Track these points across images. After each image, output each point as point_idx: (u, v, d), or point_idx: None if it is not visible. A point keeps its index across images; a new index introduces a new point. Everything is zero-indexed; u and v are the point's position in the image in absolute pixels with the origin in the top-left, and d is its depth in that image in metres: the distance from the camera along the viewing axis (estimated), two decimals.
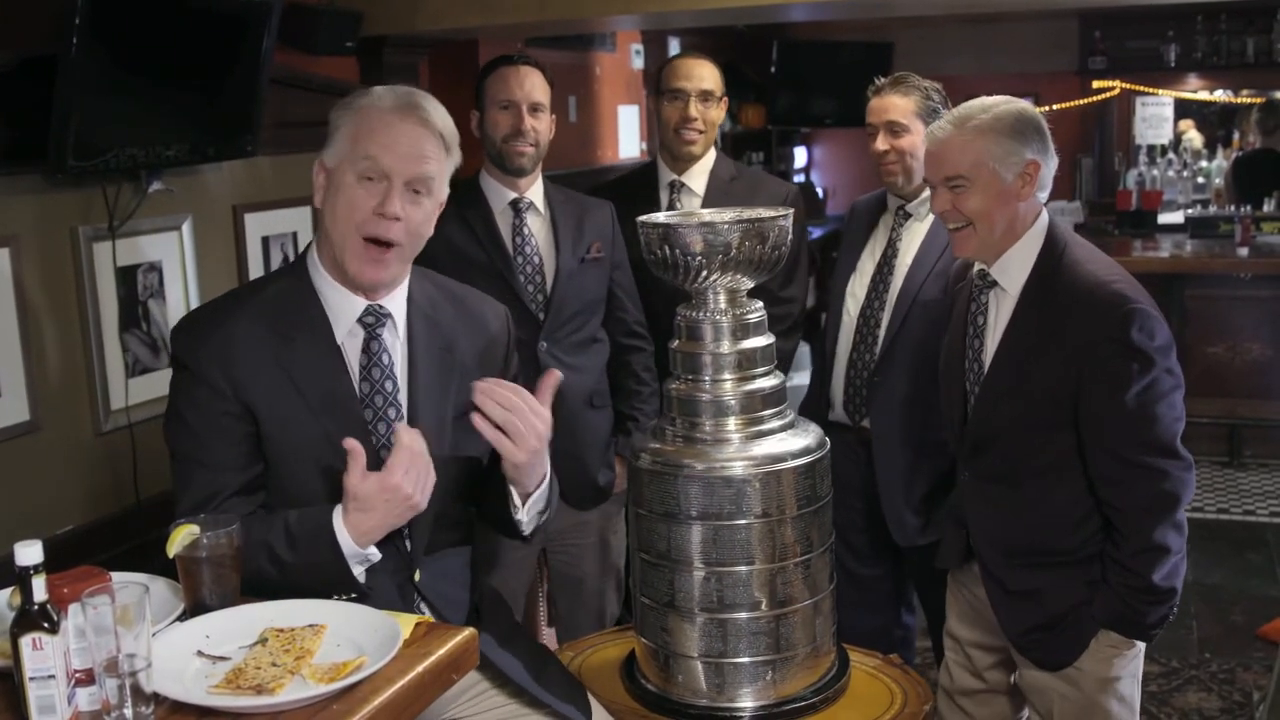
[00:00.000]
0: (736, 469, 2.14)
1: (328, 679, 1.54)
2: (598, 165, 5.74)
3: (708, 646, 2.18)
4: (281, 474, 2.00)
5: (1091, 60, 8.22)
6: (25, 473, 2.81)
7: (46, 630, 1.41)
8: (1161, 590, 2.31)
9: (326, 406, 2.00)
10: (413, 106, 2.03)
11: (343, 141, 2.01)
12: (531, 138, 2.98)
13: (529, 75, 3.01)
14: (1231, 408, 6.11)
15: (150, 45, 2.83)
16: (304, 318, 2.03)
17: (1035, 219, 2.40)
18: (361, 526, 1.90)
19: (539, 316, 2.98)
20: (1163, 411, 2.26)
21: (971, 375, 2.47)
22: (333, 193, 2.01)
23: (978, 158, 2.34)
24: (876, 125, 3.04)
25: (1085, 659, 2.39)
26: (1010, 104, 2.39)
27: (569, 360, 3.00)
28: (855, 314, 3.09)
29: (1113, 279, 2.31)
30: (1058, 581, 2.39)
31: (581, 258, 3.05)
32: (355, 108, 2.03)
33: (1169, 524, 2.30)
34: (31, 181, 2.80)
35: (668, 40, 6.73)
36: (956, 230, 2.42)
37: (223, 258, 3.38)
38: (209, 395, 1.95)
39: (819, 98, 8.07)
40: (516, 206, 3.04)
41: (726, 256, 2.14)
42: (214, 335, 1.98)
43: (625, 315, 3.18)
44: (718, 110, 3.35)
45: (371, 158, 1.98)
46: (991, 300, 2.45)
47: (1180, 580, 2.36)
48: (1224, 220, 6.60)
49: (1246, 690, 3.82)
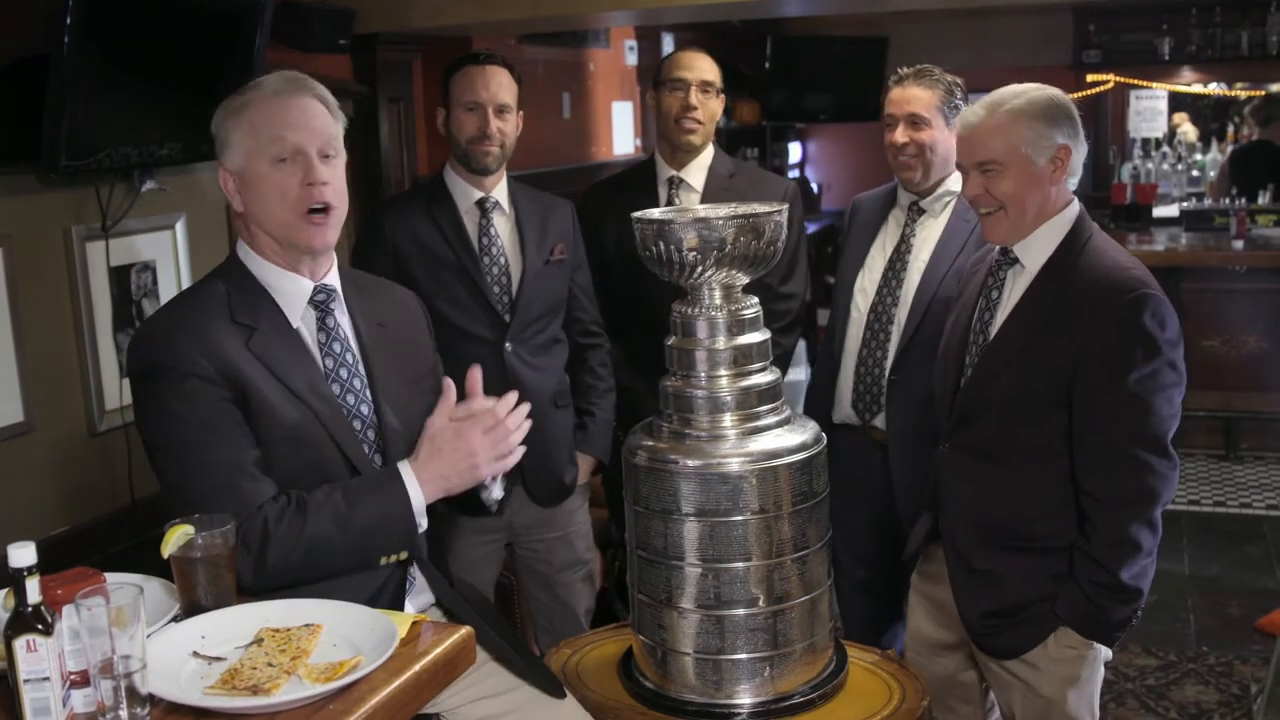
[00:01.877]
0: (733, 465, 2.13)
1: (324, 679, 1.54)
2: (591, 162, 5.73)
3: (705, 643, 2.18)
4: (270, 458, 2.00)
5: (1086, 54, 8.23)
6: (19, 473, 2.81)
7: (41, 632, 1.40)
8: (1128, 589, 2.31)
9: (301, 385, 2.02)
10: (296, 82, 2.09)
11: (243, 139, 2.04)
12: (497, 139, 2.97)
13: (495, 75, 2.99)
14: (1228, 400, 6.12)
15: (143, 44, 2.83)
16: (259, 307, 2.05)
17: (1065, 205, 2.41)
18: (426, 471, 1.99)
19: (505, 318, 2.98)
20: (1159, 404, 2.26)
21: (975, 347, 2.47)
22: (253, 188, 2.05)
23: (1010, 142, 2.36)
24: (897, 116, 2.99)
25: (1044, 659, 2.39)
26: (1042, 90, 2.40)
27: (533, 361, 3.00)
28: (865, 310, 3.06)
29: (1132, 266, 2.33)
30: (1022, 568, 2.39)
31: (546, 259, 3.05)
32: (240, 106, 2.06)
33: (1144, 521, 2.29)
34: (24, 181, 2.80)
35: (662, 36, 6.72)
36: (987, 215, 2.43)
37: (216, 257, 3.31)
38: (199, 385, 1.94)
39: (814, 93, 8.06)
40: (483, 206, 3.03)
41: (721, 252, 2.13)
42: (184, 333, 1.97)
43: (583, 315, 3.20)
44: (717, 103, 3.33)
45: (281, 139, 2.02)
46: (1009, 277, 2.46)
47: (1148, 583, 2.36)
48: (1219, 213, 6.60)
49: (1244, 683, 3.82)
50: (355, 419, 2.09)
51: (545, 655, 2.57)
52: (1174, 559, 4.86)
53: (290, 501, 1.94)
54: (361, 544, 1.97)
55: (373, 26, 3.90)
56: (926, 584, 2.64)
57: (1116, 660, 3.98)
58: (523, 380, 2.94)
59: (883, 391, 3.02)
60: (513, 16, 3.85)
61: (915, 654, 2.66)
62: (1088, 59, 8.19)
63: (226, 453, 1.93)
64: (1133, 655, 4.03)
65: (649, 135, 6.56)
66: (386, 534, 1.99)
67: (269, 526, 1.91)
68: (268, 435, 1.98)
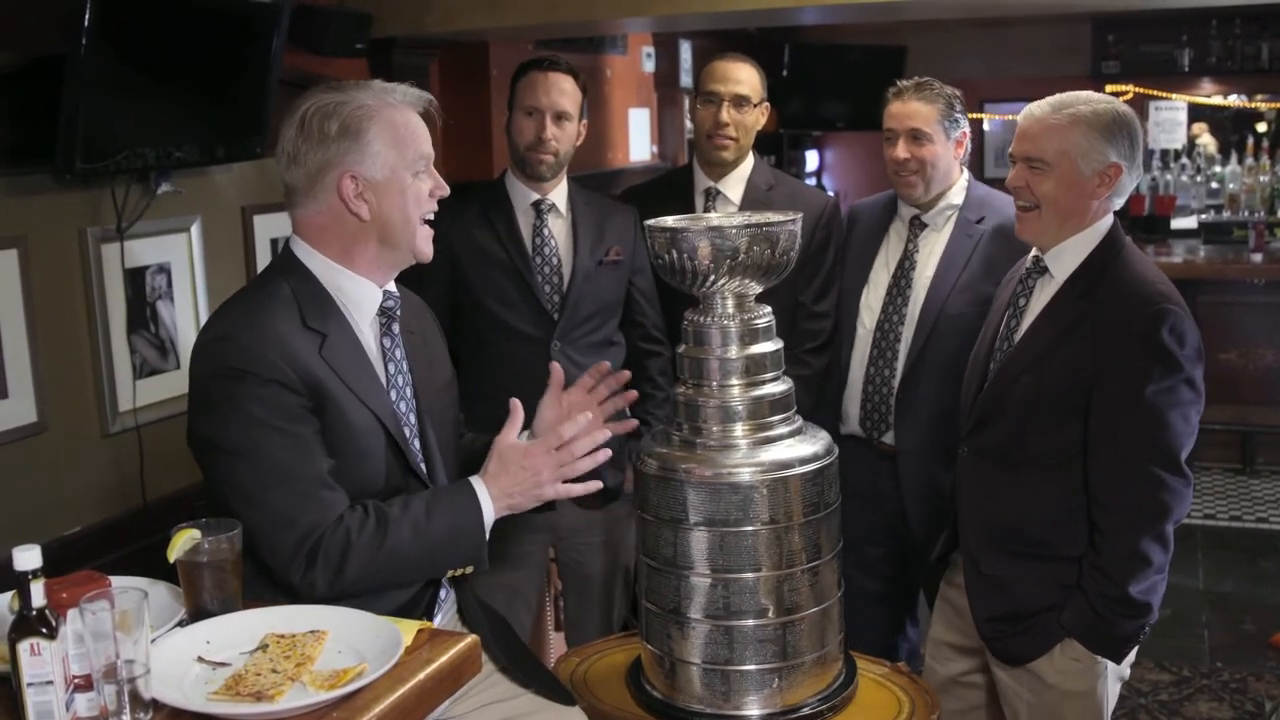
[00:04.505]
0: (743, 475, 2.12)
1: (328, 686, 1.53)
2: (608, 168, 5.73)
3: (714, 653, 2.17)
4: (340, 467, 1.98)
5: (1105, 64, 8.18)
6: (32, 474, 2.81)
7: (45, 636, 1.40)
8: (1136, 603, 2.30)
9: (371, 395, 2.02)
10: (418, 96, 2.11)
11: (386, 151, 2.02)
12: (552, 146, 2.97)
13: (557, 82, 2.99)
14: (1244, 414, 6.08)
15: (159, 46, 2.83)
16: (327, 312, 2.03)
17: (1102, 219, 2.41)
18: (494, 486, 2.03)
19: (554, 316, 3.00)
20: (1174, 420, 2.25)
21: (999, 353, 2.47)
22: (393, 198, 2.04)
23: (1063, 146, 2.36)
24: (897, 131, 2.97)
25: (1048, 668, 2.38)
26: (1112, 104, 2.40)
27: (582, 360, 2.99)
28: (871, 327, 3.04)
29: (1157, 281, 2.33)
30: (1031, 575, 2.39)
31: (599, 260, 3.05)
32: (381, 109, 2.03)
33: (1155, 536, 2.29)
34: (40, 182, 2.80)
35: (679, 43, 6.71)
36: (1023, 209, 2.44)
37: (232, 259, 3.38)
38: (282, 392, 1.91)
39: (831, 101, 8.05)
40: (538, 207, 3.04)
41: (734, 261, 2.12)
42: (265, 338, 1.94)
43: (644, 319, 3.17)
44: (755, 115, 3.21)
45: (425, 155, 2.08)
46: (1037, 286, 2.46)
47: (1158, 599, 2.34)
48: (1237, 226, 6.57)
49: (1258, 700, 3.79)
50: (406, 427, 2.10)
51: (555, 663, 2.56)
52: (1189, 574, 4.83)
53: (369, 513, 1.94)
54: (434, 556, 1.99)
55: (389, 31, 3.90)
56: (951, 590, 2.64)
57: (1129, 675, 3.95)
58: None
59: (891, 410, 3.00)
60: (528, 22, 3.85)
61: (932, 656, 2.69)
62: (1107, 69, 8.15)
63: (307, 461, 1.92)
64: (1146, 670, 4.00)
65: (666, 142, 6.55)
66: (457, 547, 2.00)
67: (352, 537, 1.90)
68: (339, 444, 1.98)
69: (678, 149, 6.63)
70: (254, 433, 1.91)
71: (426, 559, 1.99)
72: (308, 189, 2.03)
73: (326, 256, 2.06)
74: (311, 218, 2.06)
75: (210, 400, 1.95)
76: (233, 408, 1.91)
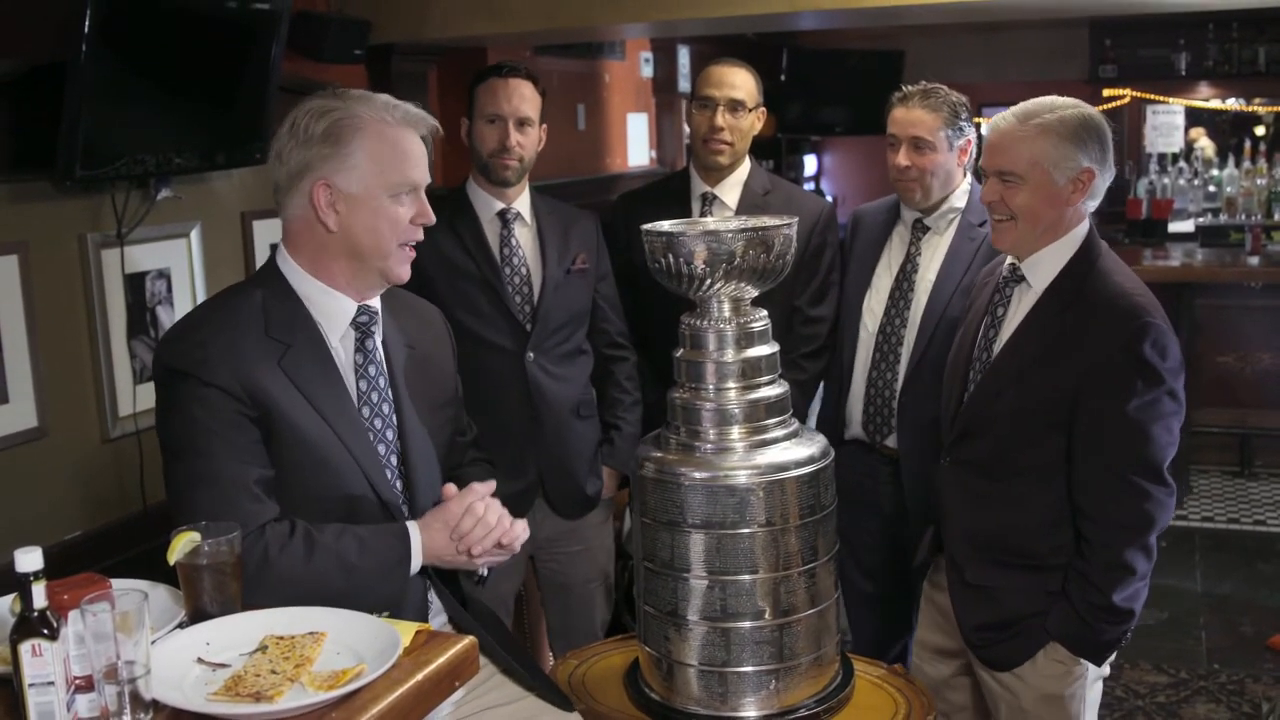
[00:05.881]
0: (740, 478, 2.13)
1: (327, 686, 1.54)
2: (606, 174, 5.74)
3: (711, 655, 2.18)
4: (290, 479, 1.99)
5: (1102, 68, 8.21)
6: (33, 478, 2.82)
7: (46, 637, 1.41)
8: (1120, 611, 2.32)
9: (331, 408, 2.01)
10: (420, 118, 2.09)
11: (366, 166, 2.00)
12: (517, 153, 2.97)
13: (518, 88, 2.98)
14: (1242, 417, 6.08)
15: (159, 53, 2.84)
16: (296, 323, 2.03)
17: (1078, 224, 2.40)
18: (427, 537, 2.03)
19: (526, 327, 2.99)
20: (1158, 432, 2.27)
21: (978, 364, 2.47)
22: (364, 215, 2.02)
23: (1034, 157, 2.35)
24: (899, 138, 2.95)
25: (1031, 672, 2.40)
26: (1078, 108, 2.38)
27: (556, 370, 3.01)
28: (874, 331, 3.04)
29: (1136, 292, 2.32)
30: (1018, 584, 2.40)
31: (567, 269, 3.05)
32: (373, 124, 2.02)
33: (1139, 546, 2.31)
34: (40, 189, 2.82)
35: (677, 49, 6.73)
36: (999, 222, 2.43)
37: (231, 265, 3.39)
38: (219, 396, 1.93)
39: (829, 106, 8.07)
40: (504, 217, 3.03)
41: (730, 265, 2.13)
42: (215, 342, 1.96)
43: (609, 326, 3.18)
44: (750, 120, 3.19)
45: (408, 179, 2.04)
46: (1015, 294, 2.46)
47: (1140, 605, 2.36)
48: (1235, 229, 6.58)
49: (1256, 701, 3.80)
50: (381, 444, 2.09)
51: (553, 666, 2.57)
52: (1186, 576, 4.84)
53: (294, 531, 1.93)
54: (355, 592, 1.92)
55: (388, 37, 3.91)
56: (935, 591, 2.65)
57: (1127, 678, 3.96)
58: (544, 390, 2.96)
59: (893, 414, 3.01)
60: (527, 28, 3.86)
61: (918, 658, 2.70)
62: (1104, 73, 8.18)
63: (232, 467, 1.92)
64: (1144, 672, 4.01)
65: (664, 147, 6.57)
66: (379, 588, 1.98)
67: (270, 552, 1.90)
68: (290, 456, 1.97)
69: (676, 154, 6.65)
70: (190, 433, 1.93)
71: (348, 593, 1.91)
72: (287, 189, 2.05)
73: (299, 265, 2.07)
74: (289, 222, 2.08)
75: (159, 398, 2.02)
76: (175, 407, 1.96)
